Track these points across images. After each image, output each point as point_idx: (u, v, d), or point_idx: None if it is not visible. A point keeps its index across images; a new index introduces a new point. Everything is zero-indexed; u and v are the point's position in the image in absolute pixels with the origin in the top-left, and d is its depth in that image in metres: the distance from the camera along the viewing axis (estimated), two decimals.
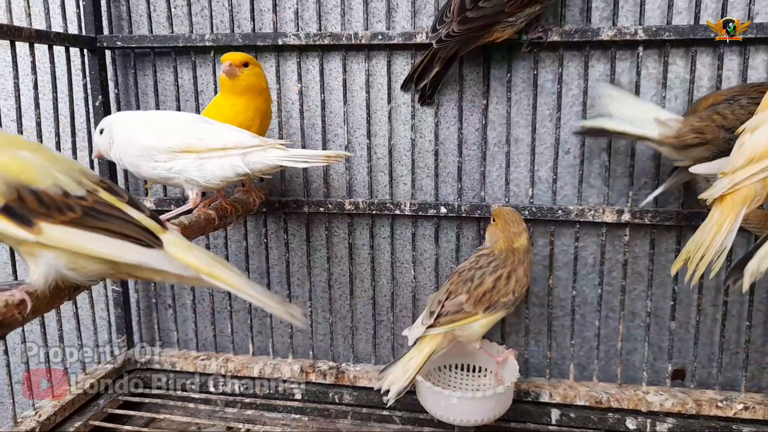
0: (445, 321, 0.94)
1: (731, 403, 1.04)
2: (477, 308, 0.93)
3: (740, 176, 0.75)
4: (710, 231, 0.77)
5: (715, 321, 1.09)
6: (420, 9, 1.09)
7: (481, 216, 1.10)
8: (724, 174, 0.77)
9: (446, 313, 0.94)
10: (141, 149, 0.84)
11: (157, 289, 1.27)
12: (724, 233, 0.76)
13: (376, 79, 1.13)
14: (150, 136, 0.84)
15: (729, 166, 0.77)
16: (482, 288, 0.94)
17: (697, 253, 0.78)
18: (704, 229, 0.78)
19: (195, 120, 0.89)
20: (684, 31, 0.97)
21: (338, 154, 0.84)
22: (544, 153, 1.09)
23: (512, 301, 0.95)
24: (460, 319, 0.94)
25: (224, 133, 0.85)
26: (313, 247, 1.20)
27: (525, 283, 0.96)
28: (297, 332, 1.24)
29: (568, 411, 1.08)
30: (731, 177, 0.75)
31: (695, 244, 0.79)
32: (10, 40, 0.95)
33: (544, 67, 1.07)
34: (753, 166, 0.74)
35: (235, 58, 0.97)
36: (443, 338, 0.96)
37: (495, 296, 0.94)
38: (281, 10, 1.14)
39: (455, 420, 0.95)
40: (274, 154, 0.83)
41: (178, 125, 0.86)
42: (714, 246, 0.76)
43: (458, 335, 0.96)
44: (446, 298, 0.95)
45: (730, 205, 0.76)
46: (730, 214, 0.76)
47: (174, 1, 1.17)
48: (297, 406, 1.14)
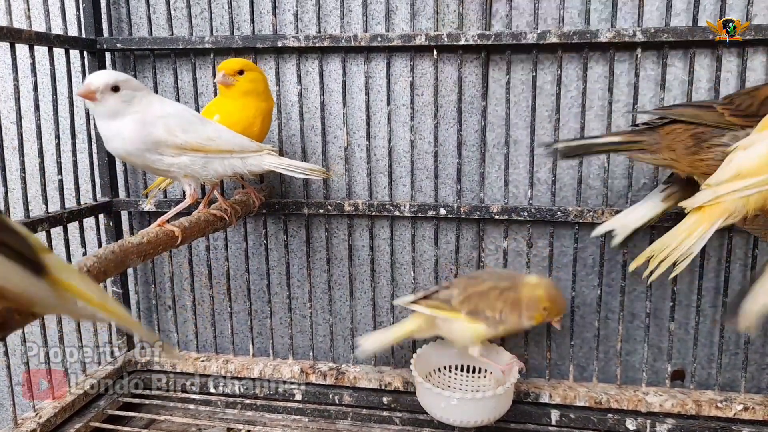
0: (429, 304, 0.99)
1: (731, 403, 1.04)
2: (462, 306, 0.96)
3: (723, 190, 0.75)
4: (680, 235, 0.78)
5: (715, 322, 1.09)
6: (419, 11, 1.09)
7: (480, 217, 1.10)
8: (708, 185, 0.77)
9: (435, 298, 0.99)
10: (150, 143, 0.84)
11: (156, 291, 1.28)
12: (694, 239, 0.76)
13: (376, 81, 1.13)
14: (161, 130, 0.84)
15: (714, 179, 0.77)
16: (476, 290, 0.96)
17: (661, 253, 0.79)
18: (675, 232, 0.79)
19: (200, 119, 0.90)
20: (682, 33, 0.98)
21: (322, 172, 0.94)
22: (543, 154, 1.09)
23: (495, 321, 0.95)
24: (442, 309, 0.97)
25: (230, 137, 0.90)
26: (312, 249, 1.20)
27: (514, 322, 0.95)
28: (297, 333, 1.24)
29: (567, 412, 1.08)
30: (714, 189, 0.76)
31: (661, 245, 0.80)
32: (10, 42, 0.95)
33: (542, 69, 1.07)
34: (738, 182, 0.75)
35: (228, 68, 0.99)
36: (424, 322, 1.00)
37: (482, 303, 0.96)
38: (281, 13, 1.14)
39: (455, 421, 0.95)
40: (268, 160, 0.93)
41: (186, 123, 0.86)
42: (681, 248, 0.77)
43: (440, 327, 0.99)
44: (447, 287, 1.00)
45: (707, 215, 0.77)
46: (704, 223, 0.76)
47: (174, 4, 1.17)
48: (297, 407, 1.15)
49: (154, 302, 1.28)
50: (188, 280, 1.25)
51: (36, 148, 1.03)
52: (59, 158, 1.08)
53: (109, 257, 0.72)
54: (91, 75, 0.82)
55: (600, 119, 1.07)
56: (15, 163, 1.03)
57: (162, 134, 0.83)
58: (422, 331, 1.02)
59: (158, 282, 1.28)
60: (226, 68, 0.99)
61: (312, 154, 1.17)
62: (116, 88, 0.81)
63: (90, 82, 0.80)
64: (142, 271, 1.29)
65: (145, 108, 0.83)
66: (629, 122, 1.05)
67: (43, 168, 1.05)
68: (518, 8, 1.06)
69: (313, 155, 1.17)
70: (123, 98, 0.81)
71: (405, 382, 1.14)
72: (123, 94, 0.81)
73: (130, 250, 0.76)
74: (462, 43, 1.04)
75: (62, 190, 1.09)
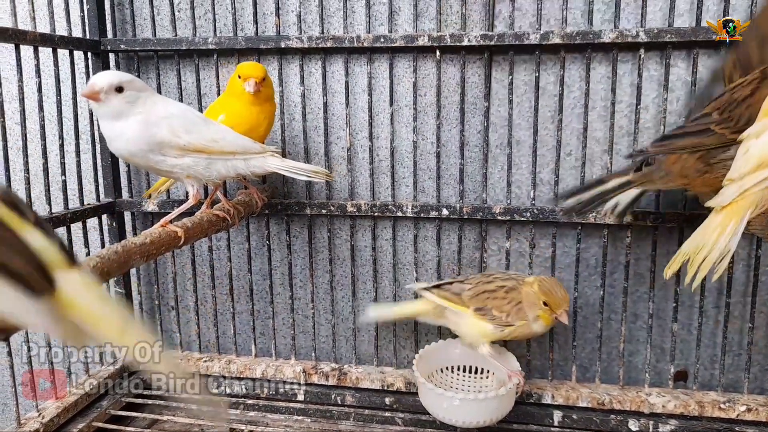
0: (440, 293, 1.01)
1: (734, 404, 1.04)
2: (470, 302, 0.98)
3: (749, 182, 0.73)
4: (713, 233, 0.75)
5: (718, 322, 1.09)
6: (422, 12, 1.09)
7: (483, 218, 1.10)
8: (731, 180, 0.75)
9: (446, 289, 1.01)
10: (153, 144, 0.84)
11: (159, 291, 1.28)
12: (728, 236, 0.74)
13: (379, 81, 1.13)
14: (164, 131, 0.84)
15: (735, 173, 0.75)
16: (486, 287, 0.98)
17: (698, 255, 0.76)
18: (705, 231, 0.77)
19: (204, 120, 0.90)
20: (685, 33, 0.98)
21: (326, 174, 0.94)
22: (545, 155, 1.09)
23: (501, 322, 0.96)
24: (452, 300, 1.00)
25: (233, 138, 0.90)
26: (315, 249, 1.20)
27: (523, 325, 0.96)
28: (299, 334, 1.24)
29: (570, 413, 1.08)
30: (740, 183, 0.74)
31: (695, 246, 0.77)
32: (14, 43, 0.96)
33: (545, 70, 1.07)
34: (761, 171, 0.73)
35: (257, 75, 0.97)
36: (432, 308, 1.03)
37: (490, 302, 0.97)
38: (284, 14, 1.14)
39: (457, 421, 0.95)
40: (272, 162, 0.93)
41: (190, 124, 0.86)
42: (717, 248, 0.75)
43: (448, 318, 1.01)
44: (462, 281, 1.02)
45: (735, 209, 0.75)
46: (734, 218, 0.74)
47: (177, 5, 1.18)
48: (299, 408, 1.15)
49: (156, 303, 1.28)
50: (191, 280, 1.25)
51: (40, 148, 1.04)
52: (63, 159, 1.09)
53: (112, 257, 0.72)
54: (96, 75, 0.82)
55: (602, 120, 1.07)
56: (19, 163, 1.04)
57: (165, 135, 0.83)
58: (428, 315, 1.05)
59: (161, 282, 1.28)
60: (257, 76, 0.97)
61: (315, 155, 1.17)
62: (120, 89, 0.81)
63: (94, 82, 0.80)
64: (145, 272, 1.29)
65: (149, 109, 0.83)
66: (632, 123, 1.05)
67: (47, 168, 1.05)
68: (521, 9, 1.06)
69: (316, 156, 1.17)
70: (127, 99, 0.81)
71: (407, 383, 1.14)
72: (127, 94, 0.81)
73: (133, 250, 0.76)
74: (465, 43, 1.04)
75: (66, 191, 1.09)
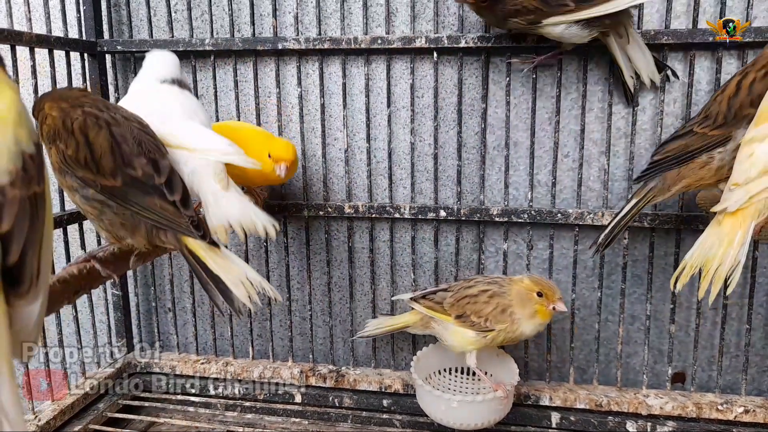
0: (424, 303, 1.01)
1: (731, 406, 1.04)
2: (451, 310, 0.98)
3: (755, 188, 0.72)
4: (721, 244, 0.73)
5: (715, 324, 1.09)
6: (419, 14, 1.09)
7: (481, 219, 1.10)
8: (736, 185, 0.74)
9: (431, 299, 1.01)
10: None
11: (156, 293, 1.28)
12: (738, 246, 0.72)
13: (376, 83, 1.13)
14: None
15: (741, 177, 0.73)
16: (467, 292, 0.97)
17: (709, 267, 0.74)
18: (711, 242, 0.74)
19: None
20: (682, 35, 0.98)
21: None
22: (543, 156, 1.10)
23: (481, 327, 0.94)
24: (435, 310, 1.00)
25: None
26: (312, 251, 1.20)
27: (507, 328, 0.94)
28: (297, 336, 1.24)
29: (568, 414, 1.08)
30: (746, 188, 0.72)
31: (702, 258, 0.75)
32: (10, 44, 0.96)
33: (543, 71, 1.07)
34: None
35: (289, 159, 0.93)
36: (419, 319, 1.03)
37: (469, 306, 0.96)
38: (281, 15, 1.14)
39: (455, 424, 0.95)
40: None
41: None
42: (727, 260, 0.72)
43: (434, 328, 1.01)
44: (445, 289, 1.02)
45: (741, 217, 0.73)
46: (741, 227, 0.72)
47: (174, 6, 1.17)
48: (297, 410, 1.14)
49: (154, 305, 1.28)
50: (188, 282, 1.25)
51: None
52: None
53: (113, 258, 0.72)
54: None
55: (600, 121, 1.07)
56: None
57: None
58: (417, 327, 1.04)
59: (158, 284, 1.28)
60: (288, 160, 0.93)
61: (312, 156, 1.17)
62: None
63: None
64: (142, 274, 1.29)
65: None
66: (629, 124, 1.05)
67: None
68: None
69: (313, 157, 1.17)
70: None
71: (405, 385, 1.14)
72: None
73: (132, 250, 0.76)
74: (462, 45, 1.04)
75: (62, 192, 1.09)
